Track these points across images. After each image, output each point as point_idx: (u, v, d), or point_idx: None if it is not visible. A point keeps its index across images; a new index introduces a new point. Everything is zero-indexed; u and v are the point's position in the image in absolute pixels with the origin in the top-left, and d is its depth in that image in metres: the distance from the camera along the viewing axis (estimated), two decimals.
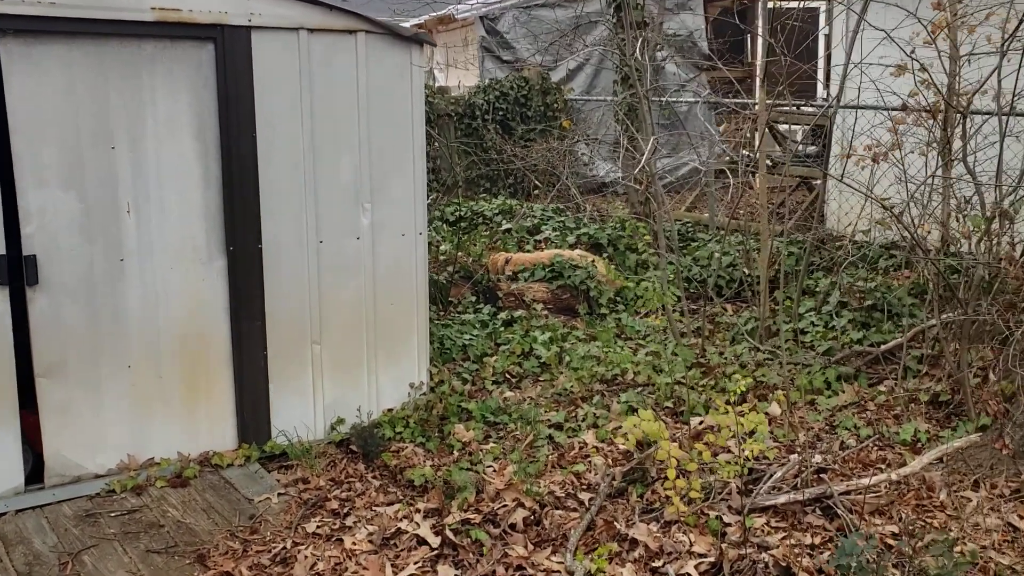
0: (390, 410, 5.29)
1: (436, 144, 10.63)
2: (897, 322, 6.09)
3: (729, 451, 4.61)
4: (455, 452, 5.00)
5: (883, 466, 4.29)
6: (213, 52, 4.55)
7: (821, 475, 4.16)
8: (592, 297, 7.26)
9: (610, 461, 4.69)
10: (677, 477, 3.87)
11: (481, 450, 4.97)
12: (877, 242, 7.73)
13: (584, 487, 4.41)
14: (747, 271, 7.55)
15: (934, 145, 7.13)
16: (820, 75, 16.00)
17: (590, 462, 4.70)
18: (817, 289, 6.99)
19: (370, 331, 5.19)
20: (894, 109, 7.15)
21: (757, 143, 6.37)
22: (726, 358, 6.02)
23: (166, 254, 4.59)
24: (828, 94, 15.61)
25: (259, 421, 4.93)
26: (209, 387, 4.81)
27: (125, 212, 4.47)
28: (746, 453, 4.15)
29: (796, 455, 4.35)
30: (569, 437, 5.05)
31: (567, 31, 11.09)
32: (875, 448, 4.50)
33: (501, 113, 11.36)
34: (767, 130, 6.64)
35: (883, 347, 5.39)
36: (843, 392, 5.20)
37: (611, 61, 10.17)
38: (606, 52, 10.20)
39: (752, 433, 4.04)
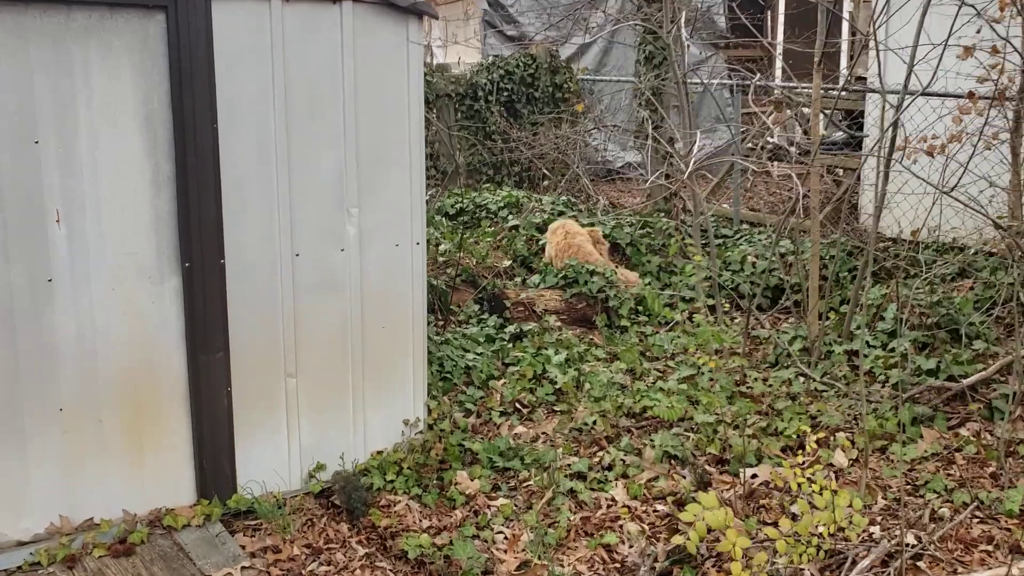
0: (380, 452, 4.46)
1: (434, 128, 9.73)
2: (969, 345, 5.25)
3: (793, 516, 3.78)
4: (457, 508, 4.17)
5: (990, 547, 3.47)
6: (164, 24, 3.67)
7: (917, 563, 3.33)
8: (611, 307, 6.41)
9: (646, 527, 3.86)
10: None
11: (489, 507, 4.14)
12: (935, 245, 6.89)
13: (617, 568, 3.58)
14: (785, 277, 6.70)
15: (1002, 136, 6.30)
16: (844, 55, 15.15)
17: (622, 527, 3.88)
18: (868, 301, 6.14)
19: (357, 360, 4.35)
20: (958, 96, 6.29)
21: (812, 130, 5.51)
22: (771, 386, 5.19)
23: (105, 273, 3.73)
24: (851, 75, 14.76)
25: (222, 471, 4.09)
26: (160, 432, 3.97)
27: (53, 222, 3.61)
28: (821, 529, 3.33)
29: (881, 532, 3.52)
30: (594, 491, 4.22)
31: (578, 4, 10.15)
32: (974, 519, 3.68)
33: (506, 94, 10.45)
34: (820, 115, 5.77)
35: (966, 381, 4.56)
36: (921, 438, 4.36)
37: (633, 38, 9.26)
38: (628, 28, 9.30)
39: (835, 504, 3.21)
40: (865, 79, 15.15)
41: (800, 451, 4.41)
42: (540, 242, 7.42)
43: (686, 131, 5.25)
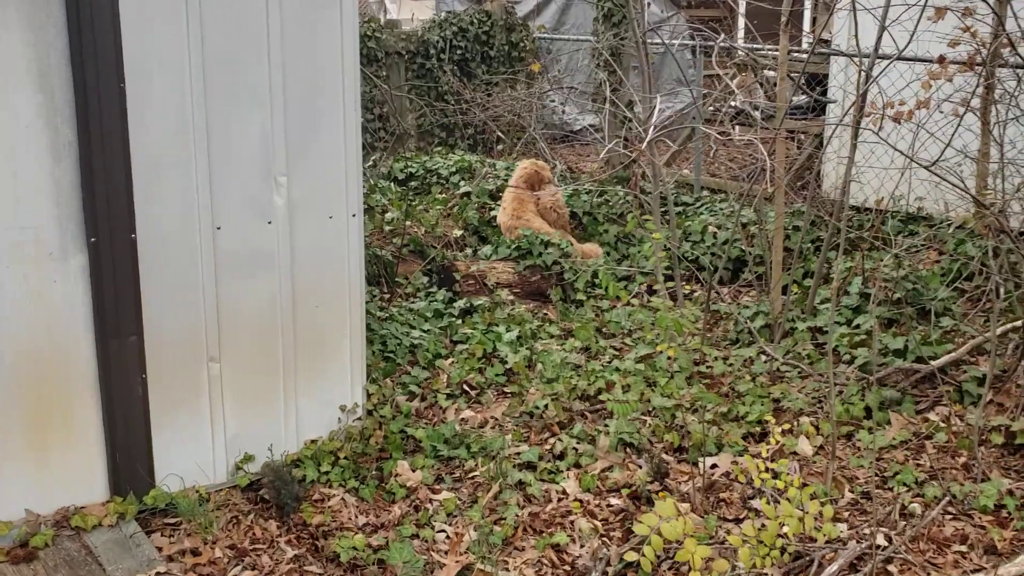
0: (314, 441, 4.13)
1: (384, 88, 9.29)
2: (936, 323, 5.02)
3: (755, 512, 3.53)
4: (397, 502, 3.87)
5: (964, 547, 3.24)
6: None
7: (888, 566, 3.09)
8: (567, 281, 6.10)
9: (599, 524, 3.59)
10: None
11: (431, 501, 3.84)
12: (899, 215, 6.66)
13: (567, 571, 3.30)
14: (747, 248, 6.44)
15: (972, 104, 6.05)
16: (807, 17, 14.86)
17: (573, 524, 3.60)
18: (831, 275, 5.90)
19: (287, 341, 4.00)
20: (927, 61, 6.02)
21: (778, 94, 5.20)
22: (732, 365, 4.93)
23: None
24: (814, 38, 14.48)
25: (137, 465, 3.73)
26: (67, 424, 3.60)
27: None
28: (786, 529, 3.07)
29: (848, 530, 3.28)
30: (544, 482, 3.93)
31: None
32: (946, 516, 3.45)
33: (459, 52, 10.01)
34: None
35: (936, 363, 4.32)
36: (889, 424, 4.13)
37: None
38: None
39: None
40: (829, 42, 14.87)
41: (763, 439, 4.16)
42: (492, 211, 7.08)
43: (646, 95, 4.92)
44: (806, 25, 15.05)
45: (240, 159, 3.73)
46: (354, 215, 4.09)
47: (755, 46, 6.32)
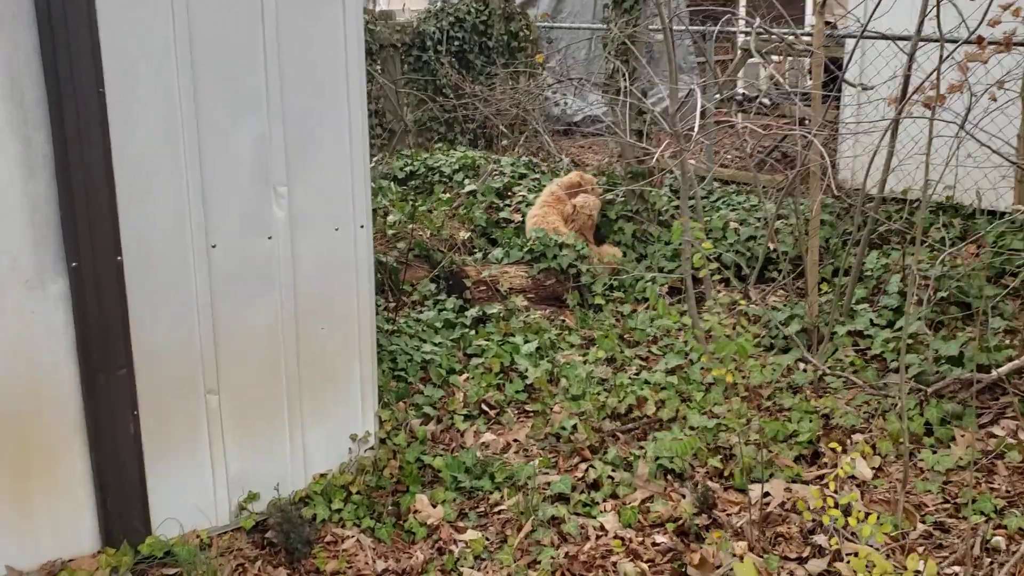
0: (323, 476, 3.77)
1: (379, 83, 8.89)
2: (985, 324, 4.68)
3: (815, 547, 3.18)
4: (418, 542, 3.51)
5: None
6: None
7: None
8: (584, 284, 5.74)
9: (645, 567, 3.23)
10: None
11: (456, 542, 3.48)
12: (930, 205, 6.30)
13: None
14: (772, 246, 6.08)
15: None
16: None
17: (616, 567, 3.24)
18: (867, 273, 5.56)
19: (292, 368, 3.64)
20: (967, 42, 5.67)
21: (813, 80, 4.84)
22: (773, 373, 4.56)
23: None
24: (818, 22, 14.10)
25: (131, 511, 3.37)
26: (51, 468, 3.23)
27: None
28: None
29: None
30: (579, 516, 3.58)
31: None
32: None
33: (457, 43, 9.61)
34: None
35: (999, 371, 3.97)
36: (954, 442, 3.78)
37: None
38: None
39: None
40: (835, 24, 14.46)
41: (815, 460, 3.81)
42: (500, 211, 6.71)
43: (675, 87, 4.55)
44: (808, 6, 14.67)
45: (236, 169, 3.36)
46: (362, 226, 3.73)
47: (786, 30, 5.94)
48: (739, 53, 11.63)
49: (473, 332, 5.13)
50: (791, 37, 5.44)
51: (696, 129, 3.89)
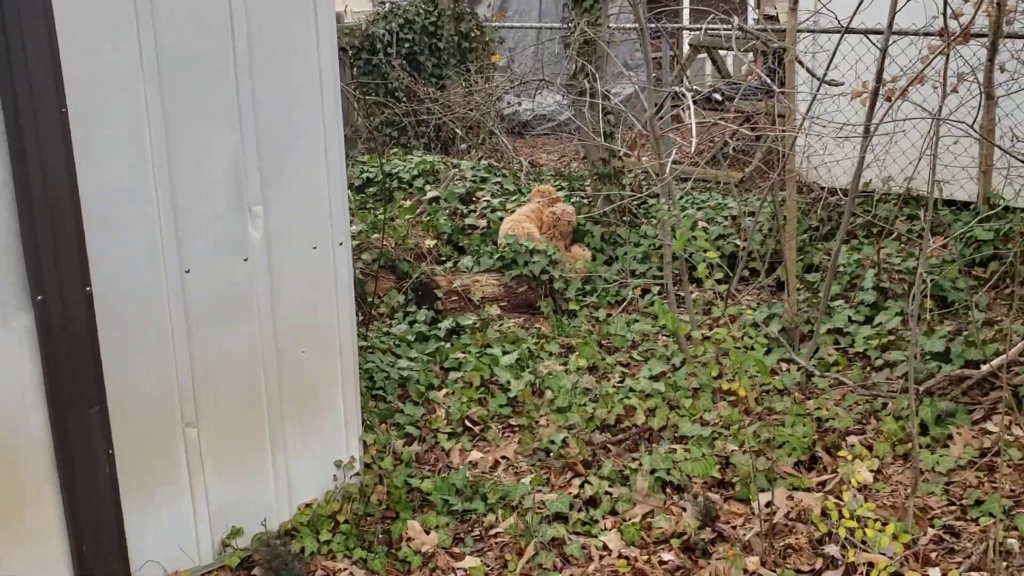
0: (309, 505, 3.60)
1: None
2: (965, 317, 4.69)
3: (827, 559, 3.12)
4: (413, 572, 3.36)
5: None
6: None
7: None
8: (557, 290, 5.63)
9: None
10: None
11: (454, 570, 3.35)
12: (893, 198, 6.31)
13: None
14: (741, 244, 6.04)
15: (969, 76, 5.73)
16: None
17: None
18: (839, 268, 5.53)
19: (273, 395, 3.46)
20: (929, 34, 5.68)
21: (787, 76, 4.79)
22: (756, 377, 4.50)
23: None
24: (760, 16, 14.18)
25: (108, 556, 3.16)
26: (19, 515, 3.01)
27: None
28: None
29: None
30: (579, 535, 3.46)
31: None
32: None
33: (407, 45, 9.43)
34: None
35: (988, 366, 3.96)
36: (951, 441, 3.75)
37: None
38: None
39: None
40: (776, 18, 14.53)
41: (812, 465, 3.76)
42: (466, 217, 6.56)
43: (651, 88, 4.46)
44: (751, 1, 14.77)
45: (209, 189, 3.17)
46: (341, 243, 3.56)
47: (760, 27, 5.89)
48: (687, 49, 11.65)
49: (448, 344, 4.99)
50: (763, 34, 5.36)
51: (694, 130, 3.79)
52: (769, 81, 4.44)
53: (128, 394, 3.12)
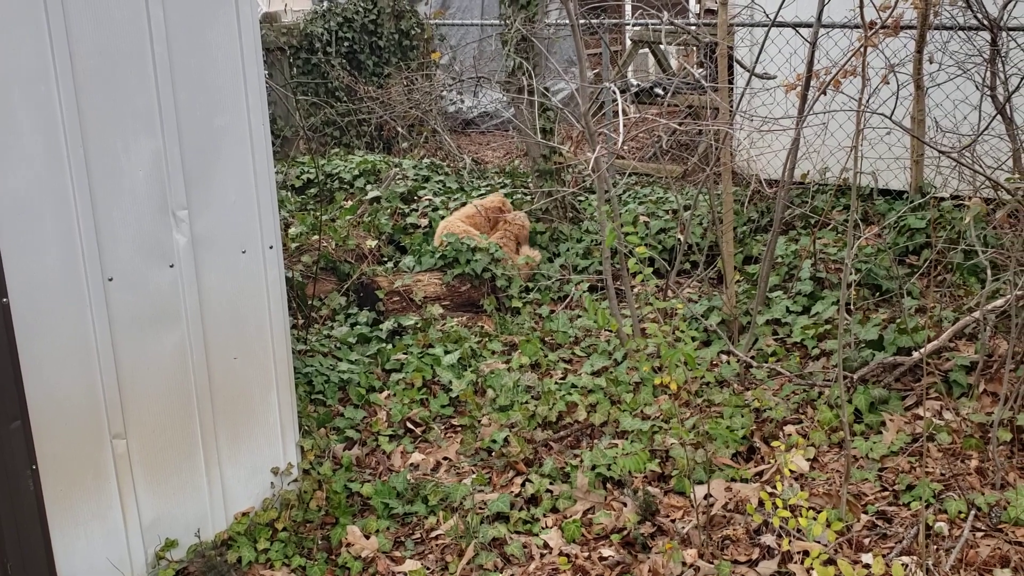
0: (245, 514, 3.54)
1: (269, 87, 8.54)
2: (898, 305, 4.75)
3: (768, 550, 3.14)
4: None
5: (1006, 571, 2.92)
6: None
7: None
8: (500, 288, 5.61)
9: None
10: None
11: (394, 574, 3.31)
12: (829, 189, 6.39)
13: None
14: (682, 238, 6.07)
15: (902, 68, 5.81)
16: None
17: None
18: (777, 259, 5.59)
19: (204, 403, 3.39)
20: (859, 27, 5.75)
21: (720, 71, 4.81)
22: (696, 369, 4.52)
23: None
24: (700, 10, 14.28)
25: (34, 572, 3.07)
26: None
27: None
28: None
29: (871, 559, 2.91)
30: (520, 534, 3.45)
31: None
32: (976, 533, 3.12)
33: (347, 44, 9.33)
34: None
35: (920, 353, 4.01)
36: (884, 428, 3.80)
37: None
38: None
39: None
40: (715, 12, 14.66)
41: (751, 456, 3.78)
42: (407, 216, 6.51)
43: (584, 85, 4.45)
44: None
45: (130, 194, 3.09)
46: (271, 247, 3.50)
47: (692, 22, 5.91)
48: (628, 44, 11.69)
49: (390, 346, 4.94)
50: (694, 28, 5.39)
51: (621, 127, 3.78)
52: (698, 76, 4.43)
53: (51, 407, 3.03)
